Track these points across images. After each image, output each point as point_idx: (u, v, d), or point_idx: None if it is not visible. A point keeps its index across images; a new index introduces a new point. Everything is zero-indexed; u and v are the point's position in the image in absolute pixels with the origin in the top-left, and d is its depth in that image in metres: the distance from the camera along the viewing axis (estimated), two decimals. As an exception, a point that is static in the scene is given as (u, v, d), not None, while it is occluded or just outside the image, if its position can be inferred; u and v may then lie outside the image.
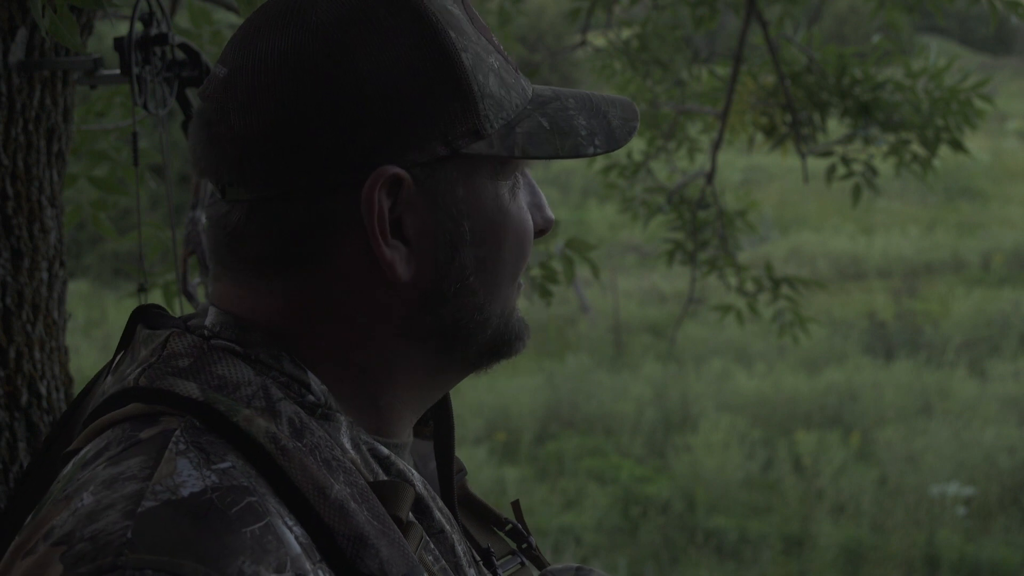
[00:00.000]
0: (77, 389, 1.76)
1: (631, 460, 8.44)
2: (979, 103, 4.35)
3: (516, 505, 1.07)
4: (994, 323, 11.22)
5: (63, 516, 0.76)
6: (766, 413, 9.16)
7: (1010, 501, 7.71)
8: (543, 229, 0.96)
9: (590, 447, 8.64)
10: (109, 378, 0.92)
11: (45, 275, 1.67)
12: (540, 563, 1.03)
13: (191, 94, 1.87)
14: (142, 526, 0.73)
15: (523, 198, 0.93)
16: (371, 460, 0.87)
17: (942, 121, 4.35)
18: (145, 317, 0.93)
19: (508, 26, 4.58)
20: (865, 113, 4.40)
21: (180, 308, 1.85)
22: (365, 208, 0.85)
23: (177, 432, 0.80)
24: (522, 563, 1.01)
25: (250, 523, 0.75)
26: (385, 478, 0.87)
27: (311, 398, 0.86)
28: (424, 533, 0.86)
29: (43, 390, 1.66)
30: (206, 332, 0.88)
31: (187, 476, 0.77)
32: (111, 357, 0.96)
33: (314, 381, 0.87)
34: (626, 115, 0.96)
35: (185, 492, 0.76)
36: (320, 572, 0.77)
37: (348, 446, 0.86)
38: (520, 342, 0.96)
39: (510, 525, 1.04)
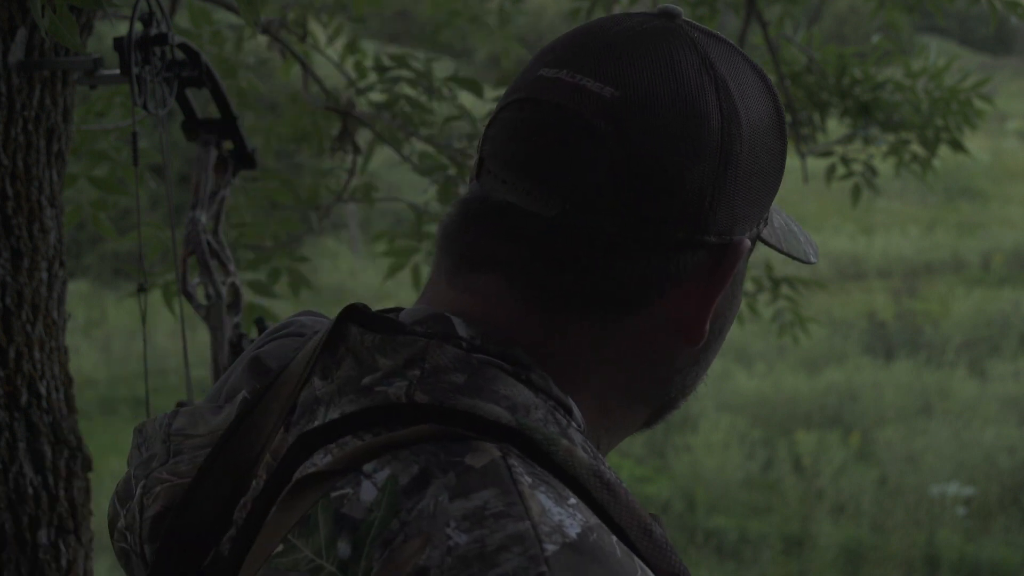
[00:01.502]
0: (77, 389, 1.76)
1: (631, 460, 8.44)
2: (979, 103, 4.35)
3: None
4: (994, 323, 11.22)
5: (433, 556, 0.70)
6: (766, 413, 9.16)
7: (1010, 501, 7.71)
8: None
9: (590, 447, 8.63)
10: (319, 382, 0.83)
11: (45, 275, 1.67)
12: None
13: (191, 94, 1.87)
14: (560, 572, 0.68)
15: None
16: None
17: (942, 121, 4.35)
18: (359, 318, 0.84)
19: (508, 26, 4.58)
20: (865, 113, 4.39)
21: (180, 308, 1.85)
22: (719, 277, 0.84)
23: (512, 461, 0.74)
24: None
25: (635, 566, 0.72)
26: None
27: (575, 425, 0.82)
28: None
29: (43, 390, 1.66)
30: (464, 344, 0.81)
31: (558, 514, 0.72)
32: (312, 358, 0.85)
33: (575, 408, 0.83)
34: (797, 223, 0.98)
35: (572, 533, 0.71)
36: None
37: None
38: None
39: None
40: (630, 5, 5.23)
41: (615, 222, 0.81)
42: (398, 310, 0.88)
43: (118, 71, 1.65)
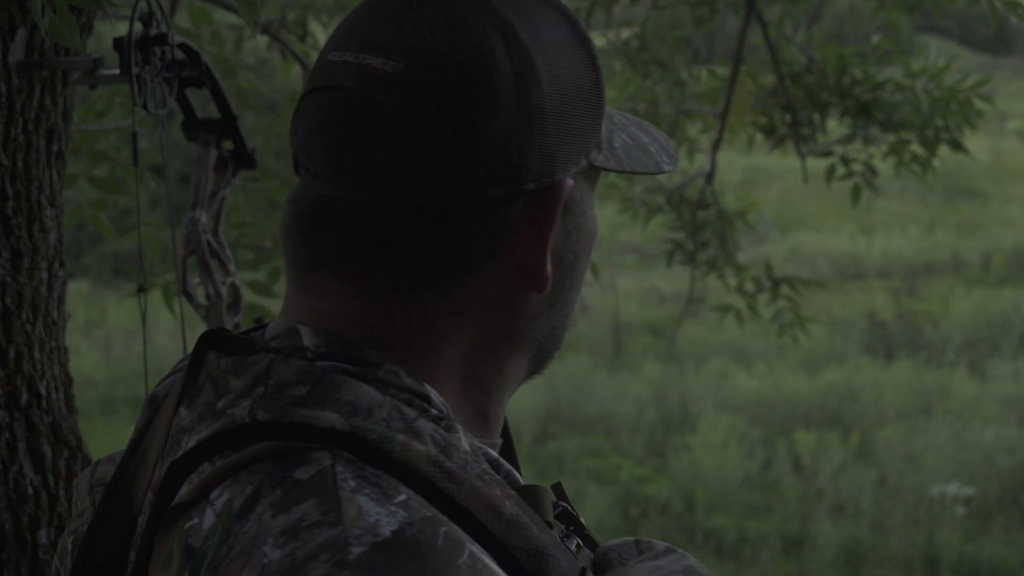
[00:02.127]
0: (77, 389, 1.76)
1: (631, 460, 8.44)
2: (979, 103, 4.35)
3: (559, 487, 1.02)
4: (994, 323, 11.22)
5: (250, 575, 0.69)
6: (766, 413, 9.16)
7: (1010, 501, 7.71)
8: None
9: (590, 447, 8.64)
10: (184, 411, 0.84)
11: (45, 275, 1.67)
12: (592, 543, 1.01)
13: (191, 94, 1.87)
14: (362, 573, 0.68)
15: None
16: (486, 465, 0.83)
17: (942, 121, 4.35)
18: (214, 343, 0.84)
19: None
20: (865, 113, 4.40)
21: (180, 308, 1.85)
22: (546, 221, 0.83)
23: (338, 468, 0.74)
24: (578, 544, 0.99)
25: (459, 553, 0.71)
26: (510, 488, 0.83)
27: (434, 412, 0.81)
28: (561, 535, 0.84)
29: (43, 390, 1.66)
30: (309, 354, 0.81)
31: (376, 515, 0.71)
32: (180, 388, 0.86)
33: (433, 393, 0.82)
34: (654, 131, 0.94)
35: (386, 531, 0.70)
36: None
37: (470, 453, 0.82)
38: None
39: (560, 508, 0.99)
40: (630, 6, 5.24)
41: (423, 196, 0.79)
42: (266, 326, 0.87)
43: (118, 71, 1.65)
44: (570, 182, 0.84)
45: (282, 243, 0.87)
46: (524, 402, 9.12)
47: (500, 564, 0.74)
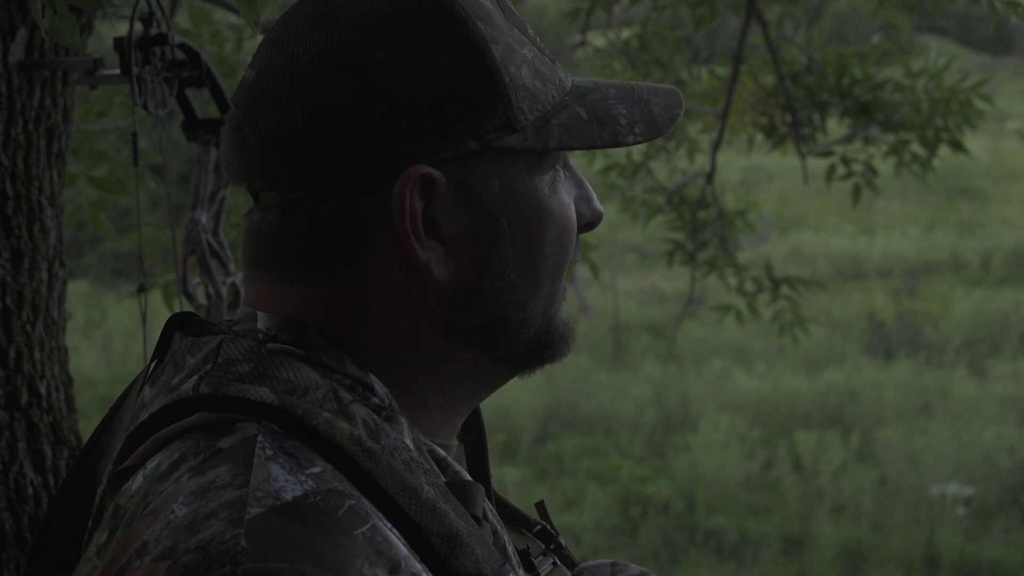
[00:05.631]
0: (77, 389, 1.76)
1: (631, 460, 8.44)
2: (979, 103, 4.35)
3: (542, 506, 1.05)
4: (994, 323, 11.22)
5: (155, 530, 0.72)
6: (766, 413, 9.16)
7: (1010, 501, 7.71)
8: (591, 222, 0.94)
9: (590, 447, 8.64)
10: (147, 388, 0.88)
11: (45, 275, 1.67)
12: (570, 562, 1.01)
13: (191, 94, 1.87)
14: (254, 533, 0.70)
15: (565, 191, 0.91)
16: (431, 462, 0.85)
17: (942, 121, 4.35)
18: (182, 324, 0.89)
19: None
20: (865, 113, 4.40)
21: (180, 308, 1.85)
22: (396, 209, 0.83)
23: (260, 438, 0.77)
24: (555, 563, 0.99)
25: (359, 525, 0.73)
26: (444, 480, 0.85)
27: (375, 400, 0.84)
28: (492, 532, 0.85)
29: (43, 390, 1.66)
30: (260, 336, 0.85)
31: (284, 481, 0.74)
32: (144, 366, 0.92)
33: (377, 383, 0.85)
34: (669, 102, 0.93)
35: (288, 497, 0.73)
36: (426, 572, 0.75)
37: (411, 447, 0.84)
38: (564, 345, 0.92)
39: (539, 526, 1.02)
40: (630, 6, 5.23)
41: (293, 191, 0.84)
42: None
43: (118, 71, 1.65)
44: (424, 170, 0.83)
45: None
46: (524, 402, 9.12)
47: (415, 548, 0.76)
